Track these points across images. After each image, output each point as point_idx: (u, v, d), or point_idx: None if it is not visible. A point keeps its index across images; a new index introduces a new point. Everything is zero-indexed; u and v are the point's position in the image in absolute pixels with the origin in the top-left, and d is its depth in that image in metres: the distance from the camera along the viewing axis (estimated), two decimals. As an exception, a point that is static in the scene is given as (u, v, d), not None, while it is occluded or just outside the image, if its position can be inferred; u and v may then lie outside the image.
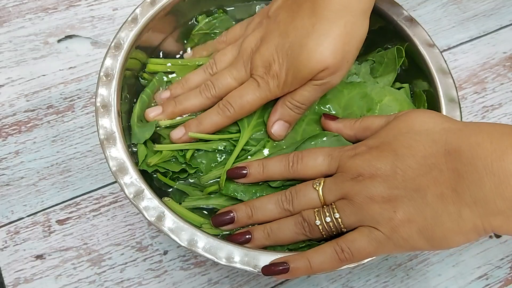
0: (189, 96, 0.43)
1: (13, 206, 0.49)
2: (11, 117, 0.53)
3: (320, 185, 0.37)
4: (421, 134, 0.35)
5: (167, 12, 0.46)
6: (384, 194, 0.34)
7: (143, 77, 0.46)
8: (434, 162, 0.33)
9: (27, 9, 0.59)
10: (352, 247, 0.35)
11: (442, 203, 0.33)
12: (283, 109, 0.42)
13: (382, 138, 0.37)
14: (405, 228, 0.34)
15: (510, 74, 0.59)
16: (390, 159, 0.35)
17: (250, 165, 0.40)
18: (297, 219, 0.37)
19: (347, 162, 0.37)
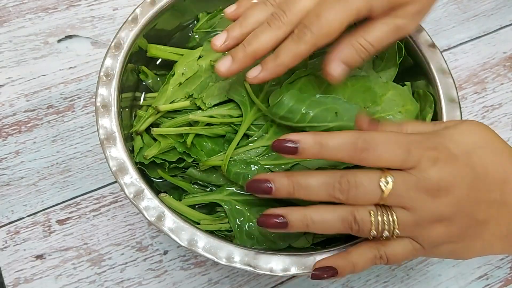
0: (257, 32, 0.36)
1: (13, 206, 0.49)
2: (11, 117, 0.53)
3: (389, 185, 0.31)
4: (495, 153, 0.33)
5: (168, 12, 0.46)
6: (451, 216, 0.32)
7: (142, 70, 0.46)
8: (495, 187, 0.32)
9: (27, 9, 0.59)
10: (391, 256, 0.34)
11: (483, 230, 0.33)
12: (346, 50, 0.36)
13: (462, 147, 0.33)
14: (444, 247, 0.33)
15: (510, 74, 0.59)
16: (470, 177, 0.32)
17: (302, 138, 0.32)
18: (347, 218, 0.32)
19: (429, 168, 0.31)
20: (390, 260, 0.34)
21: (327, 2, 0.34)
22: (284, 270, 0.36)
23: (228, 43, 0.37)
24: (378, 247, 0.34)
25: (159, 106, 0.42)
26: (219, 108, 0.42)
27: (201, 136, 0.42)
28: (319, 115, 0.38)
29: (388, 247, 0.34)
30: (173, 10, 0.46)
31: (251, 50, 0.36)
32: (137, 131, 0.42)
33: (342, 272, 0.35)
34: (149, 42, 0.46)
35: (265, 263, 0.36)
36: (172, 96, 0.43)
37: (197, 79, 0.44)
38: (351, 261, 0.35)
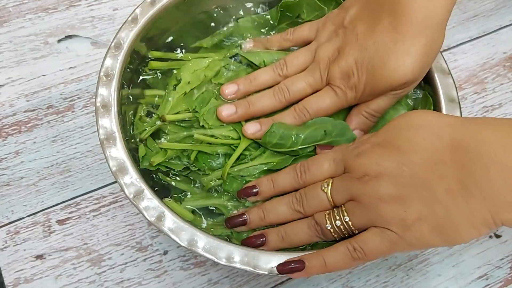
0: (262, 97, 0.44)
1: (13, 206, 0.49)
2: (11, 117, 0.53)
3: (329, 187, 0.37)
4: (425, 129, 0.35)
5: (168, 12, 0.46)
6: (392, 193, 0.34)
7: (145, 71, 0.46)
8: (440, 157, 0.33)
9: (27, 9, 0.59)
10: (364, 247, 0.35)
11: (451, 198, 0.33)
12: (358, 118, 0.43)
13: (384, 135, 0.37)
14: (416, 227, 0.33)
15: (510, 74, 0.59)
16: (394, 156, 0.35)
17: (260, 183, 0.40)
18: (310, 222, 0.37)
19: (352, 162, 0.36)
20: (367, 251, 0.35)
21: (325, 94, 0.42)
22: (284, 270, 0.36)
23: (236, 95, 0.44)
24: (349, 240, 0.36)
25: (165, 116, 0.43)
26: (221, 129, 0.43)
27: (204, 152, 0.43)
28: (309, 136, 0.42)
29: (357, 238, 0.35)
30: (173, 10, 0.46)
31: (253, 110, 0.43)
32: (141, 139, 0.43)
33: (311, 265, 0.36)
34: (149, 42, 0.46)
35: (265, 263, 0.36)
36: (176, 106, 0.44)
37: (200, 90, 0.45)
38: (321, 255, 0.36)
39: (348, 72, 0.41)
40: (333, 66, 0.42)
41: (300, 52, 0.45)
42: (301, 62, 0.44)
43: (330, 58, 0.43)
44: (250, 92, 0.44)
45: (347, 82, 0.41)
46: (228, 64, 0.46)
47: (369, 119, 0.43)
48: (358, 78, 0.41)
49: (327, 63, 0.43)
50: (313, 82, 0.43)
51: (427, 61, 0.40)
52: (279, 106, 0.43)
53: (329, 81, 0.42)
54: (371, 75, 0.40)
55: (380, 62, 0.40)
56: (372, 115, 0.43)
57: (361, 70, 0.41)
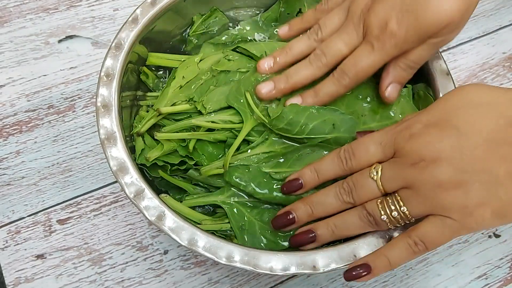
0: (299, 68, 0.41)
1: (14, 205, 0.50)
2: (12, 117, 0.53)
3: (378, 174, 0.35)
4: (484, 107, 0.32)
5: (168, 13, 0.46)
6: (452, 179, 0.32)
7: (144, 71, 0.46)
8: (502, 136, 0.31)
9: (28, 9, 0.59)
10: (425, 239, 0.33)
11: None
12: (396, 71, 0.40)
13: (438, 113, 0.34)
14: (479, 212, 0.32)
15: (509, 75, 0.60)
16: (453, 138, 0.32)
17: (302, 174, 0.38)
18: (362, 213, 0.35)
19: (404, 145, 0.34)
20: (428, 243, 0.33)
21: (362, 51, 0.39)
22: (284, 269, 0.36)
23: (273, 68, 0.42)
24: (408, 233, 0.34)
25: (160, 108, 0.42)
26: (221, 114, 0.42)
27: (203, 141, 0.42)
28: (317, 127, 0.40)
29: (417, 231, 0.34)
30: (173, 10, 0.46)
31: (292, 82, 0.41)
32: (138, 132, 0.43)
33: (376, 267, 0.34)
34: (149, 43, 0.46)
35: (265, 263, 0.36)
36: (173, 98, 0.43)
37: (198, 81, 0.44)
38: (383, 254, 0.35)
39: (385, 17, 0.38)
40: (368, 15, 0.39)
41: (333, 12, 0.42)
42: (336, 22, 0.41)
43: (363, 9, 0.39)
44: (288, 63, 0.42)
45: (384, 30, 0.38)
46: (228, 55, 0.45)
47: (407, 71, 0.40)
48: (398, 22, 0.37)
49: (360, 15, 0.39)
50: (348, 39, 0.40)
51: (470, 3, 0.38)
52: (319, 73, 0.41)
53: (365, 33, 0.39)
54: (414, 16, 0.37)
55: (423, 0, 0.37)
56: (411, 66, 0.40)
57: (400, 12, 0.37)
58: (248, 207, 0.41)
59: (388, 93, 0.41)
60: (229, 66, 0.44)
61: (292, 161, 0.41)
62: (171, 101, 0.43)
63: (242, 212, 0.41)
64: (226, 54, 0.45)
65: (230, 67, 0.44)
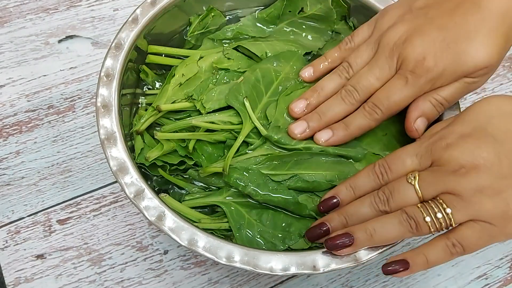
0: (332, 105, 0.41)
1: (14, 206, 0.49)
2: (12, 117, 0.53)
3: (416, 179, 0.34)
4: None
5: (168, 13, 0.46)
6: (493, 185, 0.32)
7: (142, 69, 0.46)
8: None
9: (28, 9, 0.59)
10: (464, 242, 0.34)
11: None
12: (425, 105, 0.39)
13: (472, 123, 0.34)
14: None
15: (509, 74, 0.59)
16: (491, 146, 0.33)
17: (339, 192, 0.38)
18: (401, 217, 0.34)
19: (443, 154, 0.34)
20: (466, 246, 0.34)
21: (395, 84, 0.39)
22: (284, 269, 0.36)
23: (306, 111, 0.42)
24: (447, 235, 0.34)
25: (160, 106, 0.42)
26: (220, 114, 0.42)
27: (202, 141, 0.42)
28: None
29: (456, 233, 0.34)
30: (173, 10, 0.46)
31: (325, 120, 0.41)
32: (137, 131, 0.42)
33: (414, 264, 0.34)
34: (150, 43, 0.46)
35: (265, 263, 0.36)
36: (172, 96, 0.43)
37: (197, 80, 0.44)
38: (422, 252, 0.35)
39: (424, 52, 0.37)
40: (405, 48, 0.38)
41: (362, 48, 0.41)
42: (364, 59, 0.41)
43: (396, 42, 0.39)
44: (320, 103, 0.42)
45: (421, 64, 0.37)
46: (228, 53, 0.45)
47: (436, 108, 0.39)
48: (435, 59, 0.37)
49: (392, 48, 0.39)
50: (380, 74, 0.39)
51: (507, 49, 0.38)
52: (352, 109, 0.40)
53: (400, 66, 0.38)
54: (454, 55, 0.37)
55: (466, 39, 0.37)
56: (441, 103, 0.39)
57: (440, 49, 0.37)
58: (247, 207, 0.41)
59: (417, 126, 0.40)
60: (229, 64, 0.44)
61: (291, 164, 0.41)
62: (170, 99, 0.43)
63: (241, 212, 0.41)
64: (227, 52, 0.45)
65: (230, 65, 0.44)
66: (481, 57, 0.37)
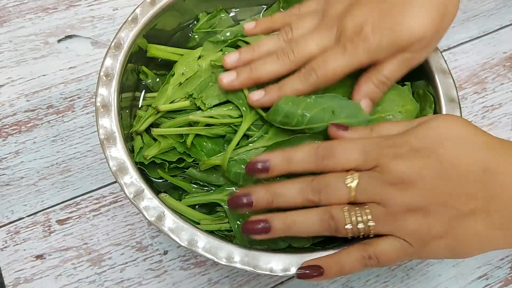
0: (265, 62, 0.40)
1: (13, 206, 0.49)
2: (11, 117, 0.53)
3: (354, 182, 0.34)
4: (466, 144, 0.33)
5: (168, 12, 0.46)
6: (424, 206, 0.33)
7: (142, 70, 0.46)
8: (474, 178, 0.32)
9: (27, 9, 0.59)
10: (380, 256, 0.34)
11: (473, 220, 0.32)
12: (367, 86, 0.39)
13: (425, 140, 0.34)
14: (435, 243, 0.33)
15: (510, 74, 0.59)
16: (435, 168, 0.33)
17: (273, 157, 0.36)
18: (324, 216, 0.34)
19: (389, 163, 0.33)
20: (380, 260, 0.34)
21: (333, 52, 0.38)
22: (284, 270, 0.36)
23: (238, 64, 0.41)
24: (365, 247, 0.34)
25: (159, 106, 0.42)
26: (219, 109, 0.42)
27: (201, 136, 0.42)
28: (316, 116, 0.39)
29: (374, 246, 0.34)
30: (173, 10, 0.46)
31: (255, 75, 0.40)
32: (137, 131, 0.42)
33: (328, 271, 0.35)
34: (149, 42, 0.46)
35: (265, 263, 0.36)
36: (172, 96, 0.43)
37: (197, 79, 0.44)
38: (338, 260, 0.35)
39: (362, 21, 0.38)
40: (345, 18, 0.38)
41: (307, 15, 0.41)
42: (308, 25, 0.41)
43: (339, 14, 0.39)
44: (253, 60, 0.41)
45: (359, 33, 0.37)
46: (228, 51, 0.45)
47: (379, 87, 0.39)
48: (373, 27, 0.37)
49: (335, 18, 0.39)
50: (320, 40, 0.39)
51: (445, 21, 0.38)
52: (285, 70, 0.39)
53: (339, 36, 0.38)
54: (390, 24, 0.37)
55: (401, 8, 0.37)
56: (383, 82, 0.39)
57: (377, 19, 0.37)
58: None
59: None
60: None
61: None
62: (170, 99, 0.43)
63: None
64: (226, 50, 0.45)
65: None
66: (416, 28, 0.37)
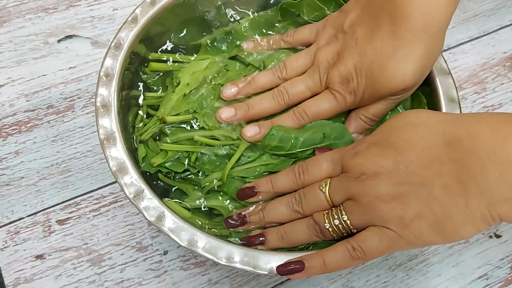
0: (262, 100, 0.44)
1: (13, 206, 0.49)
2: (11, 117, 0.53)
3: (326, 186, 0.37)
4: (420, 127, 0.35)
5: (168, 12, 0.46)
6: (390, 191, 0.34)
7: (144, 72, 0.46)
8: (435, 153, 0.33)
9: (27, 9, 0.59)
10: (364, 246, 0.35)
11: (448, 195, 0.33)
12: (357, 123, 0.43)
13: (380, 134, 0.37)
14: (415, 225, 0.34)
15: (510, 74, 0.59)
16: (391, 154, 0.35)
17: (259, 184, 0.41)
18: (309, 222, 0.38)
19: (349, 162, 0.37)
20: (366, 250, 0.35)
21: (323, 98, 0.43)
22: (284, 270, 0.36)
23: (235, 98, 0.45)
24: (348, 240, 0.36)
25: (166, 118, 0.43)
26: (221, 130, 0.43)
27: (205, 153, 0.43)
28: (308, 139, 0.42)
29: (356, 237, 0.35)
30: (173, 10, 0.46)
31: (252, 112, 0.43)
32: (141, 140, 0.43)
33: (310, 266, 0.36)
34: (149, 43, 0.46)
35: (265, 263, 0.36)
36: (177, 108, 0.44)
37: (200, 91, 0.45)
38: (320, 255, 0.36)
39: (348, 76, 0.41)
40: (332, 71, 0.42)
41: (300, 55, 0.45)
42: (300, 65, 0.45)
43: (329, 62, 0.43)
44: (249, 94, 0.45)
45: (346, 87, 0.42)
46: (227, 65, 0.46)
47: (367, 123, 0.43)
48: (357, 83, 0.41)
49: (326, 67, 0.43)
50: (312, 85, 0.43)
51: (426, 67, 0.40)
52: (278, 109, 0.44)
53: (329, 85, 0.42)
54: (370, 81, 0.40)
55: (379, 68, 0.40)
56: (371, 119, 0.43)
57: (360, 76, 0.41)
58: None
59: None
60: (227, 79, 0.46)
61: None
62: (175, 110, 0.44)
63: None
64: (225, 64, 0.46)
65: (229, 78, 0.46)
66: (398, 81, 0.40)
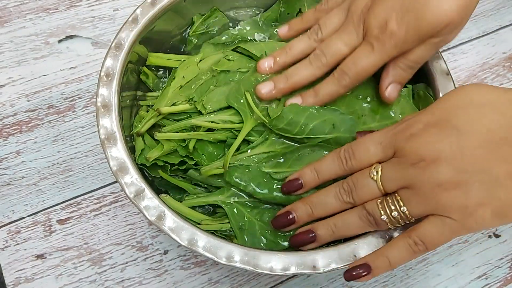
0: (299, 68, 0.41)
1: (14, 205, 0.50)
2: (12, 117, 0.53)
3: (378, 174, 0.35)
4: (484, 107, 0.32)
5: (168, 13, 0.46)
6: (452, 179, 0.32)
7: (143, 71, 0.46)
8: (503, 136, 0.31)
9: (28, 9, 0.59)
10: (425, 239, 0.33)
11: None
12: (395, 71, 0.40)
13: (438, 113, 0.34)
14: (479, 212, 0.32)
15: (509, 75, 0.60)
16: (453, 138, 0.32)
17: (303, 174, 0.38)
18: (362, 213, 0.35)
19: (404, 145, 0.34)
20: (428, 243, 0.33)
21: (362, 51, 0.39)
22: (284, 269, 0.36)
23: (273, 68, 0.42)
24: (408, 233, 0.34)
25: (160, 109, 0.42)
26: (221, 114, 0.42)
27: (203, 141, 0.42)
28: (317, 127, 0.40)
29: (416, 230, 0.34)
30: (173, 10, 0.46)
31: (292, 82, 0.41)
32: (138, 132, 0.43)
33: (376, 267, 0.34)
34: (149, 45, 0.46)
35: (265, 263, 0.36)
36: (173, 98, 0.43)
37: (198, 81, 0.44)
38: (384, 254, 0.35)
39: (385, 17, 0.38)
40: (368, 16, 0.39)
41: (333, 13, 0.42)
42: (335, 22, 0.41)
43: (363, 9, 0.40)
44: (287, 63, 0.42)
45: (384, 30, 0.38)
46: (228, 55, 0.45)
47: (406, 71, 0.40)
48: (397, 22, 0.37)
49: (360, 15, 0.40)
50: (348, 39, 0.40)
51: (470, 2, 0.38)
52: (319, 73, 0.41)
53: (365, 33, 0.39)
54: (414, 16, 0.37)
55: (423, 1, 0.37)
56: (411, 66, 0.40)
57: (400, 12, 0.37)
58: (248, 207, 0.41)
59: (388, 93, 0.41)
60: (229, 66, 0.44)
61: (292, 161, 0.41)
62: (171, 101, 0.43)
63: (242, 212, 0.41)
64: (226, 54, 0.45)
65: (230, 67, 0.44)
66: (441, 15, 0.37)
